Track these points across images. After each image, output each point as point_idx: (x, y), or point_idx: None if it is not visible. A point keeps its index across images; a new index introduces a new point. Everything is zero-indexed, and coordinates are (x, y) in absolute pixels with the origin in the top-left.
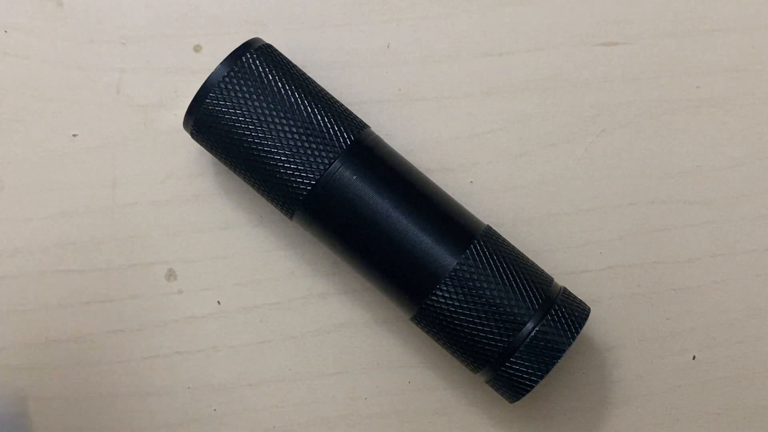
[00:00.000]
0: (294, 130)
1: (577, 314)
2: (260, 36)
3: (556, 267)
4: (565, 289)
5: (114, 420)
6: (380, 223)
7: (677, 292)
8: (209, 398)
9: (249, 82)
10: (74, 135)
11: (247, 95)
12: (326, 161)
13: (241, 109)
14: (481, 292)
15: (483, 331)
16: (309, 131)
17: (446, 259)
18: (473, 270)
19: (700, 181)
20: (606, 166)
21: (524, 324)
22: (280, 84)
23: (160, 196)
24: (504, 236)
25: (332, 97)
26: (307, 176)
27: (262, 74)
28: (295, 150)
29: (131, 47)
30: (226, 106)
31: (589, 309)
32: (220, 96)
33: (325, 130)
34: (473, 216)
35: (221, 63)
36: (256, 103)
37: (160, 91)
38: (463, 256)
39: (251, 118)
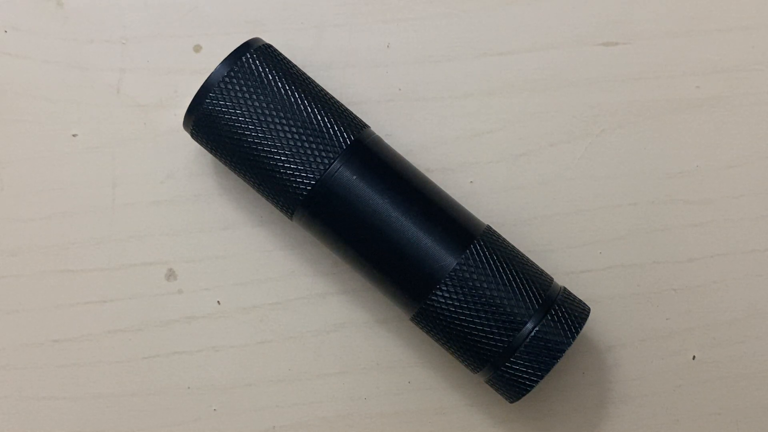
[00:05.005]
0: (294, 130)
1: (577, 314)
2: (260, 36)
3: (556, 267)
4: (565, 289)
5: (114, 420)
6: (380, 223)
7: (677, 292)
8: (209, 398)
9: (249, 82)
10: (74, 135)
11: (247, 95)
12: (326, 161)
13: (241, 109)
14: (481, 292)
15: (483, 331)
16: (309, 131)
17: (446, 259)
18: (473, 270)
19: (700, 181)
20: (606, 166)
21: (524, 324)
22: (280, 84)
23: (160, 196)
24: (504, 236)
25: (332, 97)
26: (307, 176)
27: (262, 74)
28: (295, 150)
29: (131, 47)
30: (226, 106)
31: (589, 309)
32: (220, 96)
33: (325, 130)
34: (473, 216)
35: (221, 63)
36: (256, 103)
37: (160, 91)
38: (463, 256)
39: (251, 118)
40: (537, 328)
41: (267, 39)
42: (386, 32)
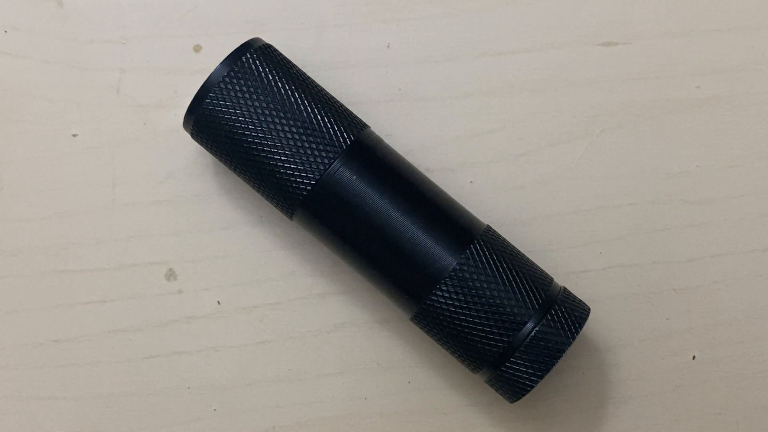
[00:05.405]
0: (294, 130)
1: (577, 314)
2: (260, 36)
3: (556, 267)
4: (565, 289)
5: (114, 420)
6: (380, 223)
7: (677, 292)
8: (209, 398)
9: (249, 82)
10: (74, 135)
11: (247, 95)
12: (326, 161)
13: (241, 109)
14: (481, 292)
15: (483, 331)
16: (309, 131)
17: (446, 259)
18: (473, 270)
19: (700, 181)
20: (606, 166)
21: (524, 324)
22: (280, 84)
23: (160, 196)
24: (504, 236)
25: (332, 97)
26: (307, 176)
27: (262, 74)
28: (295, 150)
29: (131, 47)
30: (226, 106)
31: (589, 309)
32: (220, 96)
33: (325, 130)
34: (473, 216)
35: (221, 63)
36: (256, 103)
37: (160, 91)
38: (463, 256)
39: (251, 118)
40: (537, 328)
41: (267, 39)
42: (386, 32)
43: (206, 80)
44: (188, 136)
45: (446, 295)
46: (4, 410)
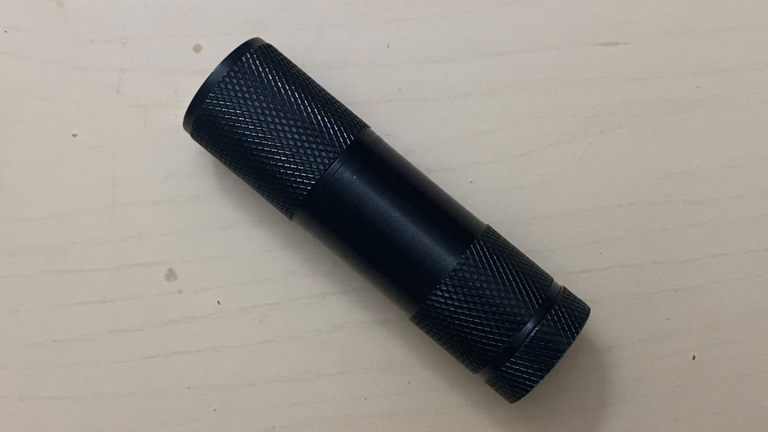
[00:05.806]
0: (294, 130)
1: (577, 314)
2: (260, 36)
3: (556, 267)
4: (565, 289)
5: (114, 420)
6: (380, 223)
7: (677, 292)
8: (209, 398)
9: (249, 82)
10: (74, 135)
11: (247, 95)
12: (326, 161)
13: (241, 109)
14: (481, 292)
15: (483, 331)
16: (309, 131)
17: (446, 259)
18: (473, 270)
19: (700, 181)
20: (606, 166)
21: (524, 324)
22: (280, 84)
23: (160, 196)
24: (504, 236)
25: (332, 97)
26: (307, 176)
27: (262, 74)
28: (295, 150)
29: (131, 47)
30: (226, 106)
31: (589, 309)
32: (220, 96)
33: (325, 130)
34: (473, 216)
35: (221, 63)
36: (256, 103)
37: (160, 91)
38: (463, 256)
39: (251, 118)
40: (537, 328)
41: (267, 39)
42: (386, 32)
43: (206, 80)
44: (188, 136)
45: (446, 295)
46: (4, 410)
